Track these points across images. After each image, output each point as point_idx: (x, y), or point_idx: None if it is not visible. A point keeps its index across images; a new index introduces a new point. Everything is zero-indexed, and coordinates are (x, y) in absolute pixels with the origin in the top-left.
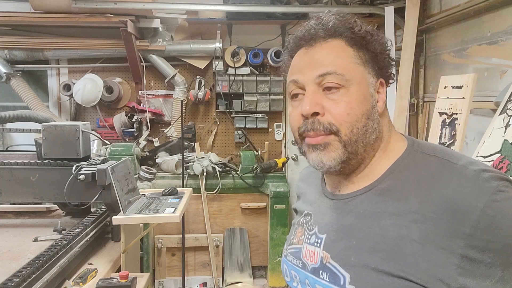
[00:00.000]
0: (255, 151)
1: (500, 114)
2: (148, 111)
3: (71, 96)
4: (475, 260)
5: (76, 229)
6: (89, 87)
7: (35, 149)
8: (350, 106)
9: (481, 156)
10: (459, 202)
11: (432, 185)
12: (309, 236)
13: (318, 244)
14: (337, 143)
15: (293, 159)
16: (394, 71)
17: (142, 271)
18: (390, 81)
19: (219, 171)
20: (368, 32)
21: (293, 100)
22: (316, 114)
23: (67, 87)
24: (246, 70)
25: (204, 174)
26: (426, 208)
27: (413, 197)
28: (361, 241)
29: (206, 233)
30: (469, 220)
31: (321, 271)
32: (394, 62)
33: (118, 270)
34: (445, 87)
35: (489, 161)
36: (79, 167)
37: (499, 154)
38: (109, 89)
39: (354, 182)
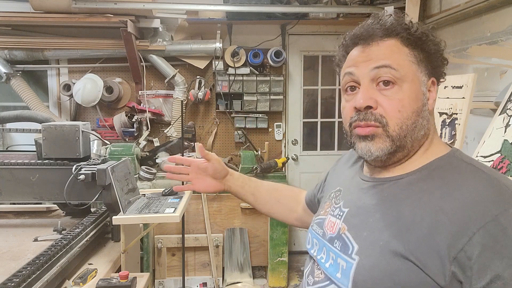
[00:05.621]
0: (255, 151)
1: (500, 114)
2: (148, 111)
3: (71, 96)
4: (471, 259)
5: (76, 229)
6: (89, 87)
7: (35, 149)
8: (402, 104)
9: (481, 156)
10: (477, 204)
11: (459, 186)
12: (334, 209)
13: (340, 217)
14: (385, 137)
15: (293, 159)
16: (445, 71)
17: (142, 271)
18: (441, 79)
19: None
20: (423, 33)
21: (346, 93)
22: (369, 107)
23: (67, 87)
24: (246, 70)
25: None
26: (446, 203)
27: (438, 191)
28: (377, 220)
29: (206, 233)
30: (480, 221)
31: (336, 240)
32: (447, 62)
33: (118, 270)
34: (445, 87)
35: (489, 161)
36: (79, 167)
37: (499, 154)
38: (109, 89)
39: (389, 170)
